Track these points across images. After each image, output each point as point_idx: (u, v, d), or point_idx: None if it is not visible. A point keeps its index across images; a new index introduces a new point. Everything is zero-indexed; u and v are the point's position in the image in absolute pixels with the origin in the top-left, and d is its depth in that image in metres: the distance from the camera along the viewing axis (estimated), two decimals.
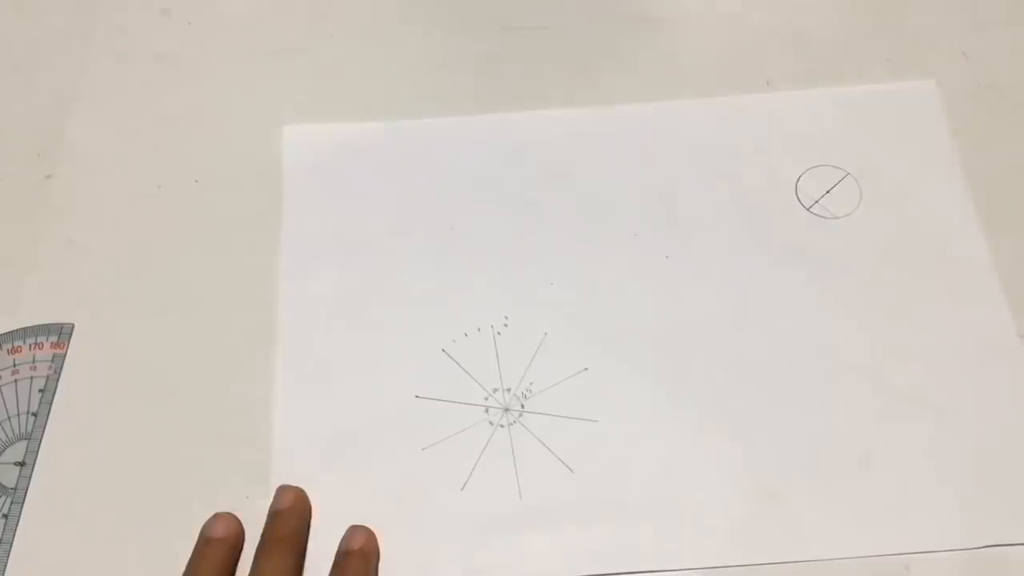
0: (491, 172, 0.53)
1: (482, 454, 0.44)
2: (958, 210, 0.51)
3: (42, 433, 0.45)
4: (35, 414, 0.45)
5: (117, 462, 0.44)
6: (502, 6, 0.60)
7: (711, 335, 0.47)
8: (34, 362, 0.47)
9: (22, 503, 0.43)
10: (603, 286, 0.49)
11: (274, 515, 0.42)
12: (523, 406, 0.46)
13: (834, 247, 0.50)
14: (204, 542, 0.41)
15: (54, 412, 0.46)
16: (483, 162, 0.54)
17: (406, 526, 0.42)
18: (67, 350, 0.47)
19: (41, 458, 0.44)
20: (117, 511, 0.43)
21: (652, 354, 0.47)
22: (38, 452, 0.44)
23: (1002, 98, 0.56)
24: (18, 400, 0.46)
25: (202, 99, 0.56)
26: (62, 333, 0.48)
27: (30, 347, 0.47)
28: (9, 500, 0.43)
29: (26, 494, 0.43)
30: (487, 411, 0.45)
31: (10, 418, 0.45)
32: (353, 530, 0.42)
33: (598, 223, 0.51)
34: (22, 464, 0.44)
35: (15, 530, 0.42)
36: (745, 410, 0.45)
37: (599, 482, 0.43)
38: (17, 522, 0.43)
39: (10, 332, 0.48)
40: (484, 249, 0.50)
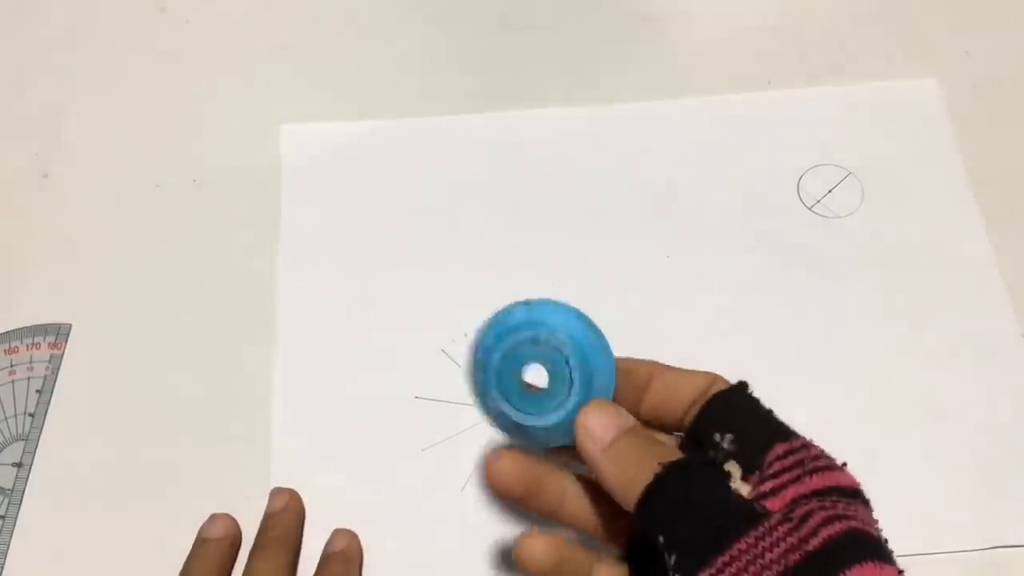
0: (490, 171, 0.53)
1: (482, 455, 0.44)
2: (961, 209, 0.51)
3: (39, 434, 0.45)
4: (32, 415, 0.45)
5: (115, 463, 0.44)
6: (502, 4, 0.60)
7: (712, 335, 0.47)
8: (31, 362, 0.47)
9: (19, 504, 0.43)
10: (603, 286, 0.49)
11: (268, 517, 0.42)
12: None
13: (836, 247, 0.50)
14: (200, 542, 0.41)
15: (51, 413, 0.45)
16: (482, 161, 0.53)
17: (406, 526, 0.42)
18: (64, 350, 0.47)
19: (38, 459, 0.44)
20: (115, 512, 0.43)
21: (651, 354, 0.47)
22: (35, 453, 0.44)
23: (1004, 96, 0.55)
24: (15, 401, 0.46)
25: (200, 98, 0.56)
26: (59, 333, 0.48)
27: (27, 347, 0.47)
28: (6, 501, 0.43)
29: (23, 495, 0.43)
30: None
31: (7, 419, 0.45)
32: (336, 533, 0.42)
33: (598, 222, 0.51)
34: (19, 465, 0.44)
35: (12, 531, 0.42)
36: None
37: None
38: (14, 523, 0.42)
39: (7, 332, 0.48)
40: (483, 248, 0.50)
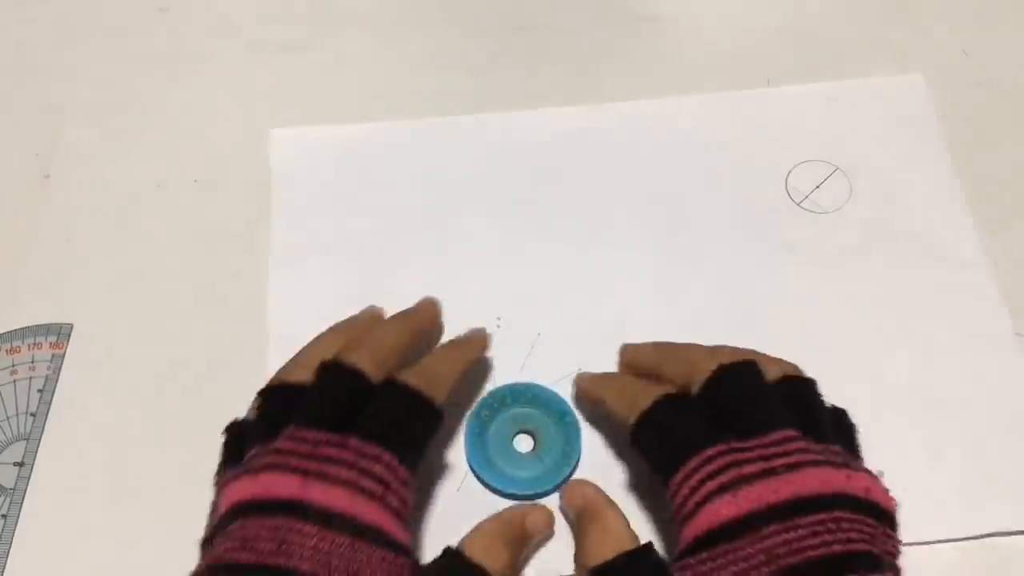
0: (483, 171, 0.53)
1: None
2: (948, 203, 0.51)
3: (41, 433, 0.45)
4: (34, 414, 0.46)
5: (116, 462, 0.44)
6: (502, 5, 0.60)
7: (703, 331, 0.47)
8: (33, 362, 0.47)
9: (20, 503, 0.43)
10: (596, 285, 0.49)
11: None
12: None
13: (824, 242, 0.50)
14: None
15: (53, 412, 0.46)
16: (475, 161, 0.53)
17: None
18: (66, 350, 0.47)
19: (40, 458, 0.44)
20: (116, 511, 0.43)
21: None
22: (37, 452, 0.45)
23: (1002, 96, 0.55)
24: (17, 400, 0.46)
25: (201, 98, 0.56)
26: (60, 333, 0.48)
27: (29, 347, 0.47)
28: (8, 500, 0.43)
29: (24, 494, 0.43)
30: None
31: (8, 418, 0.45)
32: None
33: (590, 221, 0.51)
34: (21, 464, 0.44)
35: (14, 530, 0.43)
36: None
37: (595, 480, 0.43)
38: (16, 522, 0.43)
39: (8, 332, 0.48)
40: (477, 249, 0.50)
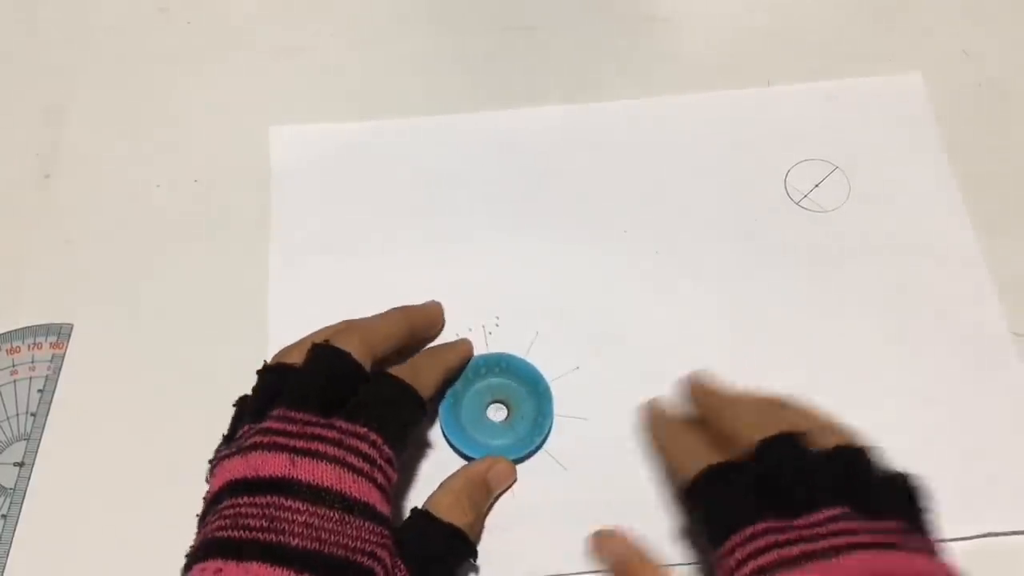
0: (481, 170, 0.53)
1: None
2: (946, 202, 0.51)
3: (41, 433, 0.45)
4: (34, 414, 0.46)
5: (116, 462, 0.44)
6: (501, 5, 0.60)
7: (701, 330, 0.48)
8: (33, 362, 0.47)
9: (21, 503, 0.43)
10: (594, 284, 0.49)
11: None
12: None
13: (823, 241, 0.50)
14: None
15: (53, 412, 0.46)
16: (473, 160, 0.53)
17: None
18: (66, 350, 0.48)
19: (40, 458, 0.45)
20: (116, 511, 0.43)
21: (643, 351, 0.47)
22: (37, 452, 0.45)
23: (1002, 96, 0.55)
24: (17, 400, 0.46)
25: (201, 98, 0.57)
26: (61, 333, 0.48)
27: (29, 347, 0.48)
28: (8, 500, 0.43)
29: (25, 494, 0.44)
30: None
31: (9, 419, 0.46)
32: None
33: (588, 220, 0.51)
34: (21, 464, 0.44)
35: (14, 530, 0.43)
36: None
37: (591, 480, 0.43)
38: (16, 522, 0.43)
39: (9, 332, 0.48)
40: (475, 249, 0.50)
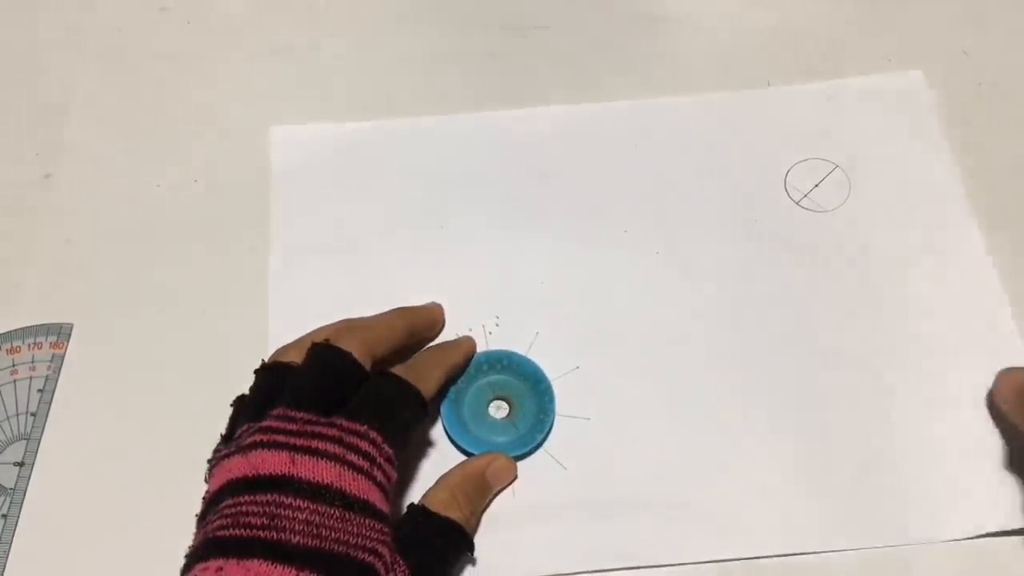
0: (481, 170, 0.53)
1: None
2: (948, 201, 0.51)
3: (41, 433, 0.45)
4: (34, 414, 0.46)
5: (116, 462, 0.44)
6: (502, 5, 0.60)
7: (701, 331, 0.47)
8: (33, 362, 0.47)
9: (21, 503, 0.43)
10: (594, 284, 0.49)
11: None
12: None
13: (824, 241, 0.50)
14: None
15: (53, 412, 0.46)
16: (473, 160, 0.53)
17: None
18: (66, 350, 0.47)
19: (40, 458, 0.45)
20: (116, 511, 0.43)
21: (643, 350, 0.47)
22: (37, 452, 0.45)
23: (1003, 95, 0.55)
24: (17, 400, 0.46)
25: (201, 98, 0.56)
26: (61, 333, 0.48)
27: (29, 347, 0.47)
28: (8, 500, 0.43)
29: (25, 494, 0.43)
30: None
31: (9, 418, 0.45)
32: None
33: (589, 220, 0.51)
34: (21, 464, 0.44)
35: (14, 530, 0.43)
36: (736, 405, 0.45)
37: (592, 479, 0.43)
38: (16, 522, 0.43)
39: (9, 332, 0.48)
40: (475, 248, 0.50)
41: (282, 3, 0.61)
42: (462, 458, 0.43)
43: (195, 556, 0.34)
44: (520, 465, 0.44)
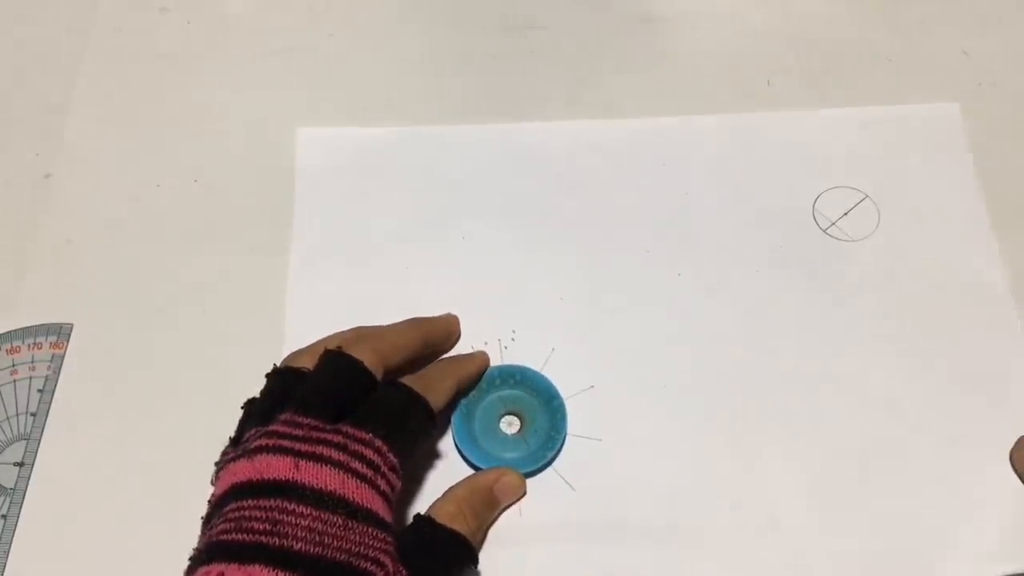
0: (503, 182, 0.52)
1: None
2: (979, 238, 0.50)
3: (41, 433, 0.45)
4: (34, 414, 0.46)
5: (116, 463, 0.44)
6: (503, 6, 0.60)
7: (720, 356, 0.47)
8: (33, 362, 0.47)
9: (21, 503, 0.43)
10: (613, 302, 0.48)
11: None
12: None
13: (850, 271, 0.49)
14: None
15: (53, 412, 0.46)
16: (496, 172, 0.53)
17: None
18: (66, 350, 0.47)
19: (40, 458, 0.44)
20: (116, 512, 0.43)
21: (659, 374, 0.46)
22: (37, 452, 0.45)
23: (1003, 96, 0.55)
24: (16, 400, 0.46)
25: (201, 98, 0.56)
26: (61, 333, 0.48)
27: (29, 347, 0.47)
28: (8, 500, 0.43)
29: (25, 494, 0.43)
30: None
31: (9, 418, 0.45)
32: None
33: (610, 237, 0.50)
34: (21, 464, 0.44)
35: (14, 530, 0.43)
36: (752, 434, 0.45)
37: (600, 501, 0.43)
38: (16, 522, 0.43)
39: (9, 332, 0.48)
40: (494, 261, 0.50)
41: (282, 4, 0.61)
42: (470, 471, 0.43)
43: (198, 559, 0.34)
44: (528, 483, 0.43)
